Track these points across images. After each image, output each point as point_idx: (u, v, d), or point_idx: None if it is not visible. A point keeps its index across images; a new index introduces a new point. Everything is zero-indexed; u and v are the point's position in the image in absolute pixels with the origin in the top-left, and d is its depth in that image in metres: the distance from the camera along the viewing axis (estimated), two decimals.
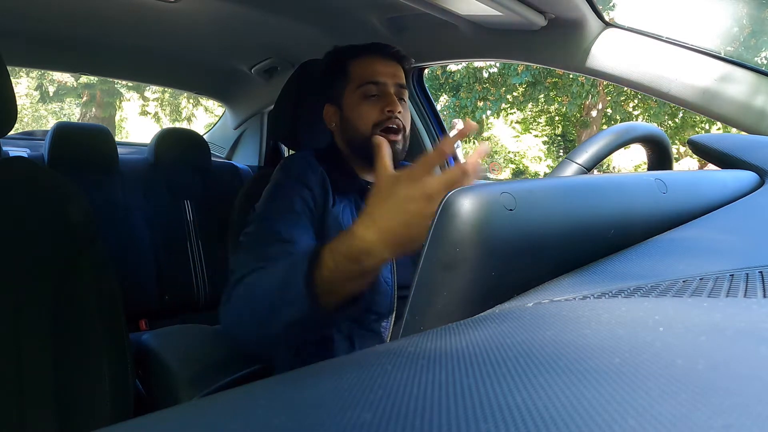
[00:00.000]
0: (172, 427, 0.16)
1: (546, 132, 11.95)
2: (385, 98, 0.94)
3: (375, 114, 0.93)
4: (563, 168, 0.66)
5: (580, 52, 1.06)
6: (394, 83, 0.95)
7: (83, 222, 0.76)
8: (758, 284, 0.29)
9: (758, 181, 0.64)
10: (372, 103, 0.94)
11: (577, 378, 0.16)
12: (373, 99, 0.94)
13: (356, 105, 0.95)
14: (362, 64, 0.96)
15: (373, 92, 0.94)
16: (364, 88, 0.94)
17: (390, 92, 0.94)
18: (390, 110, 0.92)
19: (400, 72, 0.98)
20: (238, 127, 2.23)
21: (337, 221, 0.90)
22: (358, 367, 0.20)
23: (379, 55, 0.97)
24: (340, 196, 0.93)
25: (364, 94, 0.94)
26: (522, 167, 12.35)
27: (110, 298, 0.77)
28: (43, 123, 13.18)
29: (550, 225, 0.36)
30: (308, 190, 0.91)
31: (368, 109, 0.94)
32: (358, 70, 0.96)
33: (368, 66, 0.96)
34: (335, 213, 0.91)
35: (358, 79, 0.95)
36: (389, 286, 0.90)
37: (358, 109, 0.95)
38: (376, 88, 0.94)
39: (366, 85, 0.94)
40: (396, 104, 0.93)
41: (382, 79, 0.94)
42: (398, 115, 0.93)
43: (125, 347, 0.77)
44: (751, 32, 7.62)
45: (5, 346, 0.68)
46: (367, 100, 0.94)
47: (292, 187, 0.91)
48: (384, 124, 0.92)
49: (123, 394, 0.75)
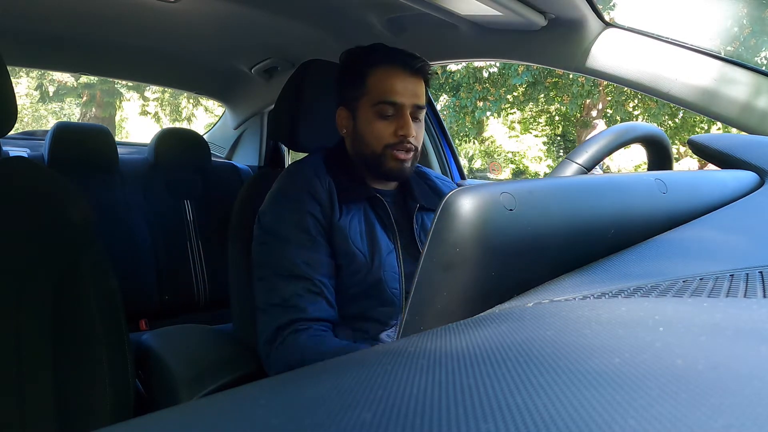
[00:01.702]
0: (172, 427, 0.16)
1: (546, 132, 11.95)
2: (400, 120, 0.90)
3: (388, 135, 0.91)
4: (563, 168, 0.66)
5: (580, 52, 1.06)
6: (412, 104, 0.91)
7: (83, 222, 0.76)
8: (758, 284, 0.29)
9: (758, 181, 0.64)
10: (386, 123, 0.91)
11: (578, 378, 0.16)
12: (388, 119, 0.91)
13: (370, 121, 0.92)
14: (381, 77, 0.91)
15: (389, 112, 0.91)
16: (380, 107, 0.91)
17: (406, 115, 0.91)
18: (403, 135, 0.90)
19: (420, 89, 0.93)
20: (238, 127, 2.23)
21: (344, 234, 0.89)
22: (358, 366, 0.20)
23: (400, 68, 0.91)
24: (347, 206, 0.92)
25: (380, 113, 0.91)
26: (522, 167, 12.34)
27: (110, 298, 0.77)
28: (43, 123, 13.17)
29: (550, 225, 0.36)
30: (316, 203, 0.90)
31: (382, 128, 0.91)
32: (377, 83, 0.91)
33: (387, 81, 0.90)
34: (341, 226, 0.89)
35: (374, 95, 0.91)
36: (397, 298, 0.90)
37: (372, 126, 0.92)
38: (392, 108, 0.90)
39: (382, 104, 0.90)
40: (410, 129, 0.90)
41: (400, 100, 0.90)
42: (411, 139, 0.91)
43: (125, 347, 0.77)
44: (751, 32, 7.61)
45: (5, 346, 0.68)
46: (381, 119, 0.91)
47: (301, 200, 0.89)
48: (395, 148, 0.91)
49: (123, 394, 0.75)
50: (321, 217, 0.89)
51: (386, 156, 0.91)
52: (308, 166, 0.95)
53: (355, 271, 0.89)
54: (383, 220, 0.94)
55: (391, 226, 0.93)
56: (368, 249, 0.90)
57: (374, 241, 0.91)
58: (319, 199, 0.90)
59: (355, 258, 0.88)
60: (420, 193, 1.00)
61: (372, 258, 0.89)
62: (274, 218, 0.90)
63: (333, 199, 0.91)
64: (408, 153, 0.92)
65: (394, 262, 0.91)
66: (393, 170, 0.92)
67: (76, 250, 0.74)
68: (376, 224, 0.93)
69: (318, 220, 0.89)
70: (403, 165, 0.92)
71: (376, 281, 0.88)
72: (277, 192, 0.93)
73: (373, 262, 0.89)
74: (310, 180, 0.92)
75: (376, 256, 0.89)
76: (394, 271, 0.91)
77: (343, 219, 0.90)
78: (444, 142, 1.72)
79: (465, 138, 11.09)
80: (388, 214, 0.94)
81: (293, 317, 0.84)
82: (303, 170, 0.94)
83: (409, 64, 0.91)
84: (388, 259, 0.90)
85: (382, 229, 0.93)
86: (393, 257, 0.91)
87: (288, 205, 0.90)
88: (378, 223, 0.93)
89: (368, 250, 0.90)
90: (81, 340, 0.73)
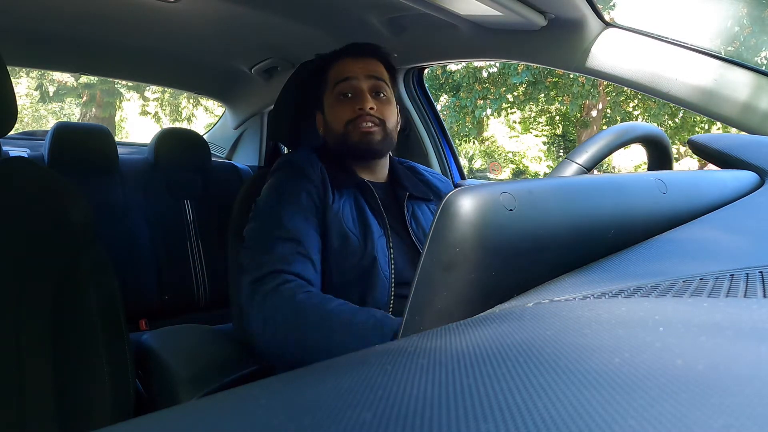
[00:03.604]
0: (172, 427, 0.16)
1: (546, 132, 11.95)
2: (357, 96, 0.95)
3: (348, 113, 0.95)
4: (563, 168, 0.65)
5: (580, 52, 1.06)
6: (366, 75, 0.96)
7: (83, 222, 0.76)
8: (758, 284, 0.29)
9: (758, 181, 0.64)
10: (346, 102, 0.95)
11: (578, 378, 0.16)
12: (348, 99, 0.95)
13: (332, 106, 0.97)
14: (337, 66, 0.98)
15: (346, 90, 0.95)
16: (337, 88, 0.96)
17: (362, 88, 0.95)
18: (360, 108, 0.94)
19: (374, 65, 0.98)
20: (238, 127, 2.23)
21: (338, 217, 0.91)
22: (358, 366, 0.20)
23: (352, 54, 0.98)
24: (339, 192, 0.94)
25: (339, 97, 0.96)
26: (522, 167, 12.34)
27: (110, 298, 0.77)
28: (43, 123, 13.17)
29: (550, 225, 0.35)
30: (311, 182, 0.92)
31: (342, 108, 0.96)
32: (333, 73, 0.98)
33: (341, 66, 0.98)
34: (335, 209, 0.92)
35: (332, 81, 0.97)
36: (387, 280, 0.90)
37: (334, 109, 0.97)
38: (348, 86, 0.95)
39: (338, 84, 0.96)
40: (366, 101, 0.94)
41: (352, 74, 0.95)
42: (371, 111, 0.94)
43: (125, 347, 0.77)
44: (751, 32, 7.61)
45: (5, 346, 0.68)
46: (341, 101, 0.96)
47: (296, 182, 0.92)
48: (356, 122, 0.94)
49: (123, 394, 0.75)
50: (315, 196, 0.91)
51: (349, 131, 0.95)
52: (300, 155, 0.99)
53: (351, 253, 0.90)
54: (372, 206, 0.96)
55: (379, 211, 0.95)
56: (360, 232, 0.92)
57: (365, 224, 0.92)
58: (313, 180, 0.92)
59: (348, 239, 0.90)
60: (410, 184, 1.03)
61: (365, 240, 0.91)
62: (268, 197, 0.93)
63: (326, 184, 0.93)
64: (372, 125, 0.94)
65: (384, 245, 0.92)
66: (360, 143, 0.95)
67: (76, 250, 0.74)
68: (366, 209, 0.95)
69: (312, 198, 0.91)
70: (368, 137, 0.94)
71: (371, 262, 0.89)
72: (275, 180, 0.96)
73: (366, 245, 0.90)
74: (303, 165, 0.95)
75: (369, 238, 0.91)
76: (384, 254, 0.92)
77: (336, 203, 0.92)
78: (444, 142, 1.72)
79: (465, 138, 11.08)
80: (377, 201, 0.96)
81: (278, 267, 0.81)
82: (295, 157, 0.98)
83: (359, 48, 0.99)
84: (379, 242, 0.92)
85: (372, 215, 0.95)
86: (383, 241, 0.93)
87: (282, 187, 0.93)
88: (368, 208, 0.95)
89: (360, 233, 0.91)
90: (81, 340, 0.73)
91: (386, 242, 0.93)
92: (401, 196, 1.00)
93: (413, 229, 0.97)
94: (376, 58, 0.99)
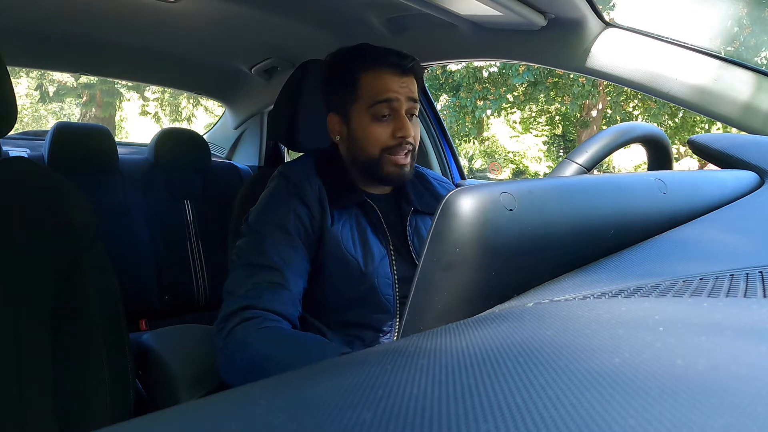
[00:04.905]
0: (172, 427, 0.16)
1: (546, 132, 11.95)
2: (396, 121, 0.88)
3: (385, 137, 0.88)
4: (563, 168, 0.65)
5: (580, 52, 1.06)
6: (407, 98, 0.89)
7: (83, 222, 0.76)
8: (758, 284, 0.29)
9: (758, 181, 0.64)
10: (383, 125, 0.88)
11: (577, 378, 0.16)
12: (385, 120, 0.88)
13: (366, 125, 0.89)
14: (373, 79, 0.88)
15: (384, 113, 0.88)
16: (375, 109, 0.87)
17: (402, 114, 0.88)
18: (402, 137, 0.88)
19: (413, 85, 0.91)
20: (238, 127, 2.23)
21: (337, 240, 0.87)
22: (358, 367, 0.20)
23: (392, 68, 0.88)
24: (339, 212, 0.90)
25: (375, 115, 0.88)
26: (522, 167, 12.34)
27: (110, 298, 0.77)
28: (43, 123, 13.17)
29: (550, 225, 0.36)
30: (304, 206, 0.88)
31: (379, 131, 0.88)
32: (369, 86, 0.88)
33: (379, 81, 0.88)
34: (334, 232, 0.88)
35: (368, 98, 0.88)
36: (391, 304, 0.89)
37: (368, 130, 0.89)
38: (387, 108, 0.87)
39: (377, 105, 0.87)
40: (408, 129, 0.88)
41: (394, 95, 0.87)
42: (410, 139, 0.89)
43: (125, 347, 0.77)
44: (751, 32, 7.61)
45: (5, 346, 0.68)
46: (377, 122, 0.88)
47: (287, 201, 0.88)
48: (393, 150, 0.88)
49: (123, 394, 0.75)
50: (307, 220, 0.87)
51: (384, 160, 0.89)
52: (298, 168, 0.94)
53: (348, 276, 0.87)
54: (375, 225, 0.92)
55: (382, 230, 0.92)
56: (361, 255, 0.88)
57: (367, 247, 0.89)
58: (308, 203, 0.88)
59: (348, 264, 0.87)
60: (416, 197, 0.98)
61: (365, 265, 0.88)
62: (258, 215, 0.89)
63: (324, 205, 0.89)
64: (407, 156, 0.90)
65: (387, 268, 0.90)
66: (392, 175, 0.90)
67: (76, 250, 0.74)
68: (368, 229, 0.91)
69: (302, 223, 0.87)
70: (402, 170, 0.90)
71: (369, 288, 0.87)
72: (267, 193, 0.92)
73: (367, 269, 0.87)
74: (299, 183, 0.90)
75: (370, 263, 0.88)
76: (387, 277, 0.89)
77: (335, 225, 0.88)
78: (444, 142, 1.72)
79: (465, 138, 11.09)
80: (380, 219, 0.92)
81: (245, 304, 0.79)
82: (293, 172, 0.93)
83: (400, 64, 0.89)
84: (381, 265, 0.89)
85: (374, 234, 0.91)
86: (386, 263, 0.90)
87: (274, 204, 0.89)
88: (370, 228, 0.91)
89: (361, 257, 0.88)
90: (81, 340, 0.73)
91: (389, 264, 0.90)
92: (405, 211, 0.95)
93: (415, 246, 0.93)
94: (413, 75, 0.91)
